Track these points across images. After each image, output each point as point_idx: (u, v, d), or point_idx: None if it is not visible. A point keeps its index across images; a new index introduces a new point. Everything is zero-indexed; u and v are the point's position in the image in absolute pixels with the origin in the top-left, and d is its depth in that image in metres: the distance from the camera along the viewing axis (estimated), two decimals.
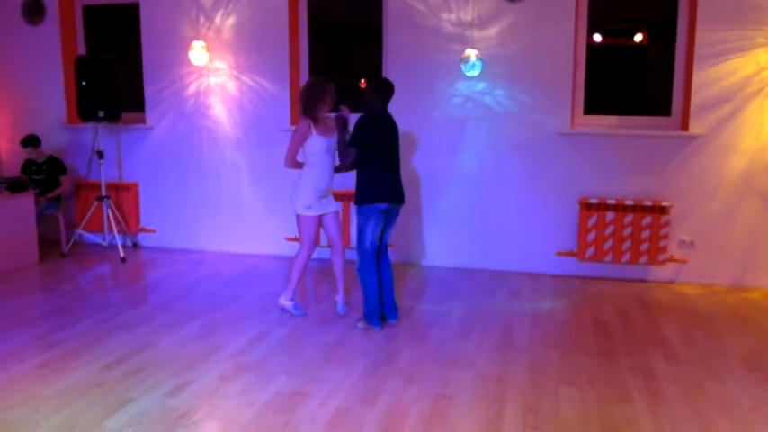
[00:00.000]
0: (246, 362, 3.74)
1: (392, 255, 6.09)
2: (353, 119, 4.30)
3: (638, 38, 6.01)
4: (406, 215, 6.02)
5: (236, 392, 3.35)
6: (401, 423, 3.02)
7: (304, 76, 6.33)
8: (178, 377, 3.51)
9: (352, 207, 5.12)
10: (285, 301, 4.58)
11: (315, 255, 6.21)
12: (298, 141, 4.34)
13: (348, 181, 5.03)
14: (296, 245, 6.25)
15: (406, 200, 5.98)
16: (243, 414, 3.11)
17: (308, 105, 4.35)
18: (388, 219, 4.36)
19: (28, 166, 6.47)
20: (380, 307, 4.36)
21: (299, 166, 4.43)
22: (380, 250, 4.41)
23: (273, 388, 3.38)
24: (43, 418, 3.04)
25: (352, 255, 4.83)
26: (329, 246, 4.72)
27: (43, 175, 6.44)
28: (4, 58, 7.08)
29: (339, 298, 4.66)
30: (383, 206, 4.24)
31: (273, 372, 3.60)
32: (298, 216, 4.47)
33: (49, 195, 6.42)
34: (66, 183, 6.48)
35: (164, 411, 3.12)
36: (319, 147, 4.33)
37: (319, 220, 4.50)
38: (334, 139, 4.39)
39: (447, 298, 5.05)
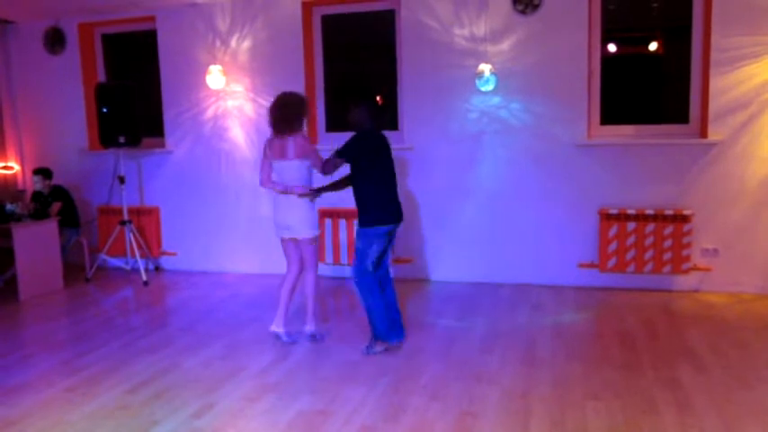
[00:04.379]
0: (269, 382, 3.75)
1: (412, 271, 6.11)
2: (340, 138, 4.28)
3: (654, 46, 5.98)
4: (426, 231, 6.03)
5: (261, 413, 3.35)
6: None
7: (320, 96, 6.40)
8: (202, 399, 3.52)
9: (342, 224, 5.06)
10: (310, 326, 4.50)
11: (330, 273, 6.29)
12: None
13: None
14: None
15: (425, 216, 5.99)
16: None
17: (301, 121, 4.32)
18: (391, 238, 4.26)
19: (36, 197, 6.56)
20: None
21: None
22: (384, 271, 4.30)
23: (297, 407, 3.38)
24: None
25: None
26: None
27: (48, 206, 6.49)
28: (27, 88, 7.26)
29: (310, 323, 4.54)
30: (389, 227, 4.15)
31: (296, 391, 3.60)
32: (310, 239, 4.41)
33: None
34: (54, 207, 6.38)
35: None
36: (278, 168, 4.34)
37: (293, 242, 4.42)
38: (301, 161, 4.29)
39: (468, 313, 5.03)
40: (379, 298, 4.15)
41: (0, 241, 5.86)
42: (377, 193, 4.13)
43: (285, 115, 4.27)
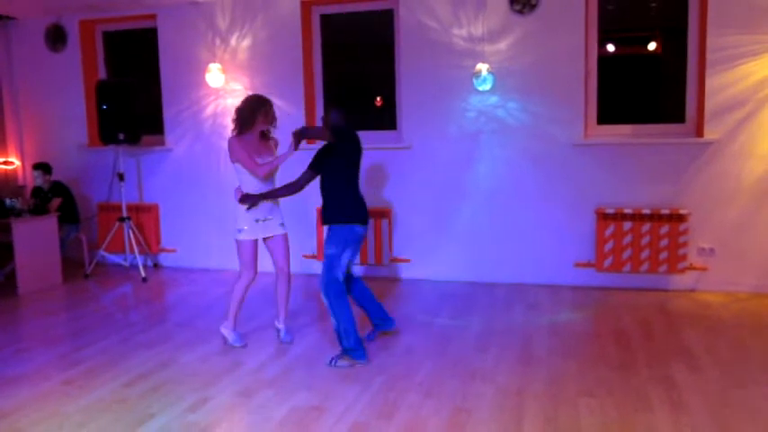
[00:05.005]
0: (265, 378, 3.77)
1: (409, 270, 6.13)
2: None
3: (652, 46, 5.99)
4: (423, 230, 6.05)
5: (255, 408, 3.37)
6: None
7: (319, 96, 6.43)
8: (198, 393, 3.55)
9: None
10: (226, 330, 4.35)
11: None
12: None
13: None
14: (313, 262, 6.31)
15: (422, 215, 6.01)
16: (261, 429, 3.13)
17: (244, 122, 4.16)
18: (360, 244, 4.12)
19: (36, 192, 6.59)
20: (373, 325, 4.33)
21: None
22: (349, 275, 4.22)
23: (291, 404, 3.40)
24: None
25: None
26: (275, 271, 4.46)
27: (48, 201, 6.52)
28: (29, 84, 7.29)
29: (281, 325, 4.44)
30: (363, 229, 4.05)
31: (291, 388, 3.62)
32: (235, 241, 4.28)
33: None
34: (54, 203, 6.42)
35: (184, 427, 3.15)
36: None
37: (257, 245, 4.30)
38: (270, 158, 4.22)
39: (464, 312, 5.05)
40: (349, 309, 3.95)
41: (0, 236, 5.88)
42: (353, 190, 4.07)
43: (236, 116, 4.21)
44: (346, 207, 4.01)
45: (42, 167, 6.57)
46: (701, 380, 3.60)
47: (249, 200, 4.15)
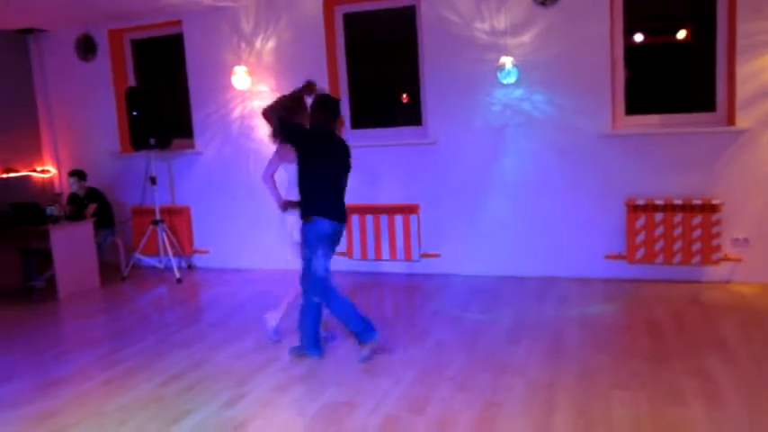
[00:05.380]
0: (298, 374, 3.83)
1: (438, 266, 6.14)
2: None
3: (681, 35, 5.91)
4: (451, 225, 6.06)
5: (289, 403, 3.44)
6: (451, 430, 3.04)
7: (344, 94, 6.47)
8: (233, 390, 3.62)
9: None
10: (271, 319, 4.44)
11: (350, 268, 6.36)
12: None
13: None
14: (343, 260, 6.36)
15: (450, 211, 5.98)
16: (295, 424, 3.19)
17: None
18: (335, 242, 4.10)
19: (72, 199, 6.77)
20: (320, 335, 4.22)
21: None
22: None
23: (324, 399, 3.46)
24: (108, 431, 3.19)
25: None
26: None
27: (84, 207, 6.67)
28: (62, 95, 7.49)
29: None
30: (334, 226, 4.01)
31: (324, 383, 3.68)
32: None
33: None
34: (90, 209, 6.57)
35: (221, 422, 3.23)
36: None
37: None
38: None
39: (495, 306, 5.05)
40: (343, 298, 4.04)
41: (39, 243, 6.06)
42: (322, 187, 4.01)
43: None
44: (314, 203, 3.99)
45: (78, 174, 6.75)
46: (736, 372, 3.55)
47: (288, 205, 4.31)
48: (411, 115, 6.37)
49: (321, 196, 4.00)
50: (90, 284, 6.32)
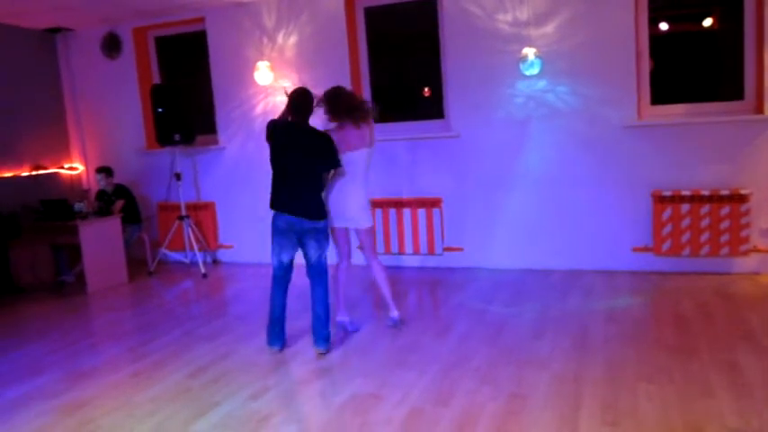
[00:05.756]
0: (322, 367, 3.86)
1: (462, 260, 6.13)
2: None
3: (707, 22, 5.79)
4: (475, 219, 6.04)
5: (314, 395, 3.47)
6: (475, 423, 3.04)
7: (366, 89, 6.48)
8: (259, 382, 3.66)
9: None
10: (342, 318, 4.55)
11: (388, 263, 6.36)
12: None
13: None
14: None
15: (474, 204, 5.95)
16: (321, 416, 3.21)
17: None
18: (298, 237, 4.08)
19: (100, 195, 6.87)
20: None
21: None
22: (314, 269, 4.20)
23: (349, 391, 3.48)
24: (137, 422, 3.25)
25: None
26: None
27: (112, 203, 6.77)
28: (88, 93, 7.60)
29: (395, 312, 4.54)
30: (283, 217, 4.02)
31: (349, 375, 3.70)
32: (370, 228, 4.45)
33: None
34: (117, 205, 6.67)
35: (247, 414, 3.27)
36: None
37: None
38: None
39: (519, 299, 5.02)
40: (274, 297, 4.16)
41: (69, 238, 6.18)
42: (275, 179, 4.07)
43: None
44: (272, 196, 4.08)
45: (105, 171, 6.85)
46: (765, 364, 3.49)
47: None
48: (433, 109, 6.36)
49: (274, 189, 4.06)
50: (118, 279, 6.42)
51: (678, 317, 4.38)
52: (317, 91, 4.35)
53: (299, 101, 4.10)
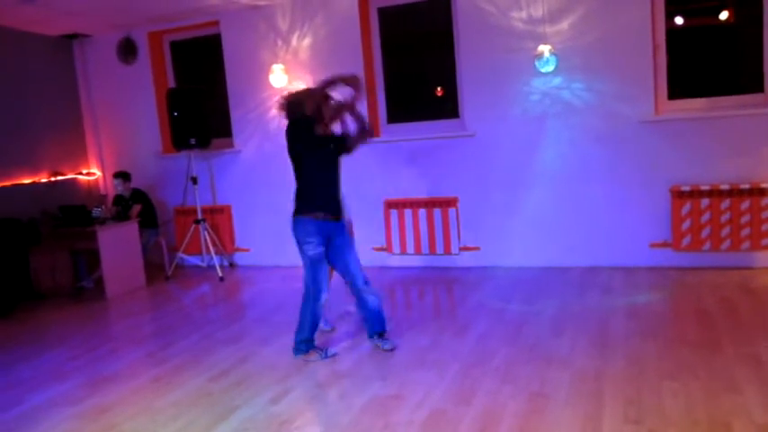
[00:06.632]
0: (342, 369, 3.85)
1: (479, 259, 6.11)
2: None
3: (724, 16, 5.73)
4: (492, 217, 6.01)
5: (335, 398, 3.46)
6: (498, 422, 3.02)
7: (380, 89, 6.47)
8: (279, 385, 3.66)
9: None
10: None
11: (390, 263, 6.38)
12: None
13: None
14: (382, 254, 6.38)
15: (491, 202, 5.92)
16: (342, 418, 3.21)
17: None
18: (329, 239, 4.01)
19: (118, 200, 6.92)
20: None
21: None
22: (353, 278, 4.10)
23: (370, 392, 3.47)
24: (159, 427, 3.26)
25: None
26: None
27: (129, 208, 6.80)
28: (104, 98, 7.67)
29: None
30: (320, 223, 3.94)
31: (368, 377, 3.69)
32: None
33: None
34: (134, 209, 6.70)
35: (268, 418, 3.27)
36: None
37: None
38: None
39: (538, 297, 4.99)
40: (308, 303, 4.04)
41: (87, 244, 6.22)
42: (311, 181, 3.95)
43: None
44: (302, 198, 3.96)
45: (122, 176, 6.89)
46: None
47: None
48: (448, 108, 6.34)
49: (312, 190, 3.98)
50: (136, 284, 6.47)
51: (700, 312, 4.33)
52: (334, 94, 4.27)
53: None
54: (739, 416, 2.88)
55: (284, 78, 6.49)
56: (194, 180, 6.82)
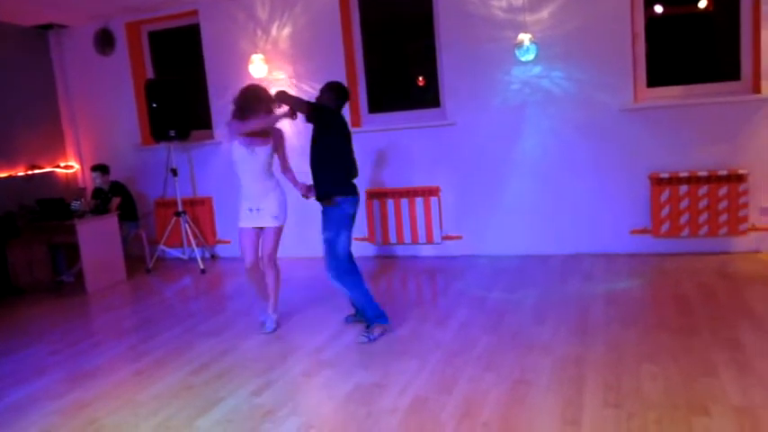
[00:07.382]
0: (324, 359, 3.85)
1: (461, 248, 6.13)
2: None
3: (702, 4, 5.76)
4: (473, 206, 6.02)
5: (317, 388, 3.46)
6: (479, 409, 3.04)
7: (361, 78, 6.45)
8: (261, 377, 3.66)
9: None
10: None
11: (372, 252, 6.38)
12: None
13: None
14: (365, 244, 6.37)
15: (472, 192, 5.94)
16: (326, 407, 3.21)
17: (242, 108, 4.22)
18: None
19: (97, 193, 6.84)
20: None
21: None
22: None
23: (352, 382, 3.47)
24: (141, 420, 3.24)
25: None
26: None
27: (108, 201, 6.73)
28: (82, 90, 7.56)
29: (273, 315, 4.51)
30: (355, 207, 4.14)
31: (351, 367, 3.69)
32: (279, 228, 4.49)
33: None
34: (114, 202, 6.63)
35: (251, 409, 3.26)
36: (239, 155, 4.30)
37: (255, 234, 4.41)
38: (263, 148, 4.28)
39: (519, 285, 5.02)
40: (363, 282, 4.16)
41: (66, 237, 6.15)
42: (346, 164, 4.14)
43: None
44: (341, 182, 4.09)
45: (101, 168, 6.82)
46: (767, 341, 3.51)
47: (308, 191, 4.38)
48: (429, 97, 6.33)
49: (347, 172, 4.14)
50: (116, 277, 6.41)
51: (678, 297, 4.38)
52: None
53: (343, 94, 4.21)
54: (717, 399, 2.93)
55: (264, 68, 6.44)
56: (174, 172, 6.76)
